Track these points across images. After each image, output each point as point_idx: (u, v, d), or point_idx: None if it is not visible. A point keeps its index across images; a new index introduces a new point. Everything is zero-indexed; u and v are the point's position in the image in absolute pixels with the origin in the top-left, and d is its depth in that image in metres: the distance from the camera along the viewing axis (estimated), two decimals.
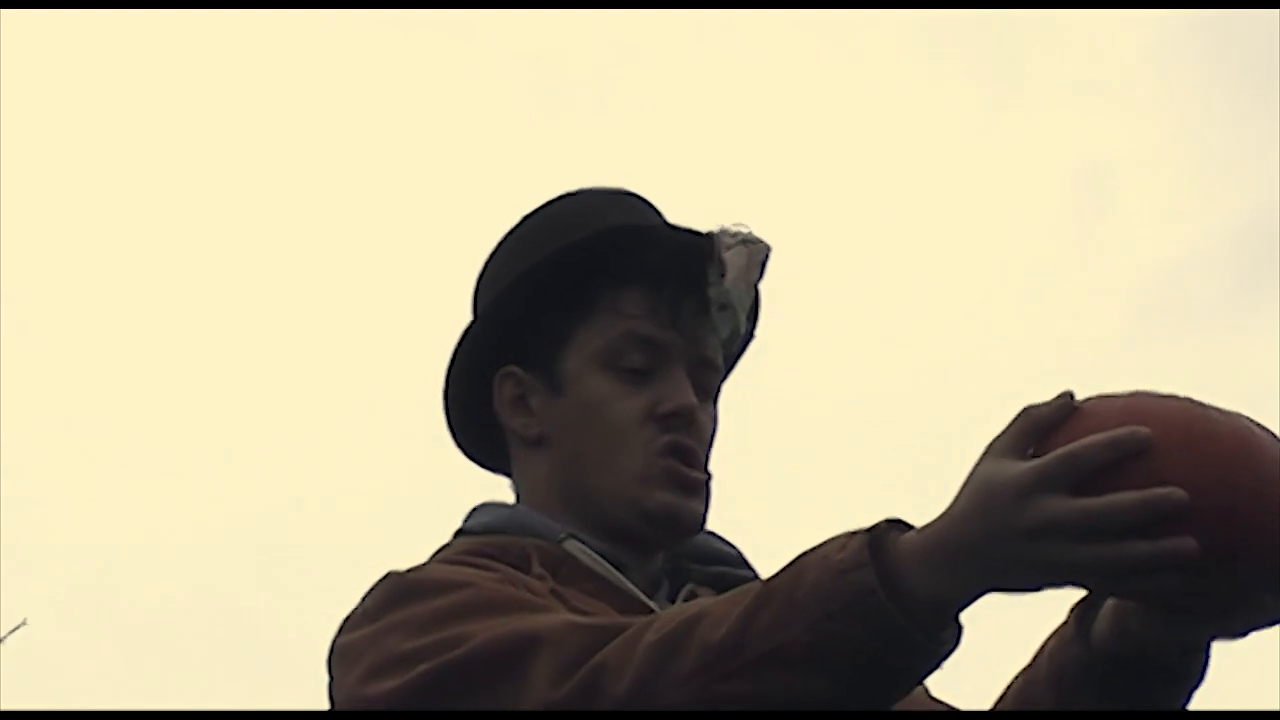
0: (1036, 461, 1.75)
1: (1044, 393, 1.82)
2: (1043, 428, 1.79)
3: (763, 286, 2.27)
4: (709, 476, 2.20)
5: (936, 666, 1.82)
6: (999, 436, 1.79)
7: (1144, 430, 1.76)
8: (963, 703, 2.18)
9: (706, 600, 1.91)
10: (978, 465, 1.79)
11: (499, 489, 2.32)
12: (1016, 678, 2.10)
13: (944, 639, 1.80)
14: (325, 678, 2.12)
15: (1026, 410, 1.79)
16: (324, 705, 2.15)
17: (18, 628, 8.58)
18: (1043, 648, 2.07)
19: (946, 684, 2.10)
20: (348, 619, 2.06)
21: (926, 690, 2.16)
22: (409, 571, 2.07)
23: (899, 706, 2.17)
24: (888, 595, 1.77)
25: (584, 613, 2.01)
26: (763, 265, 2.22)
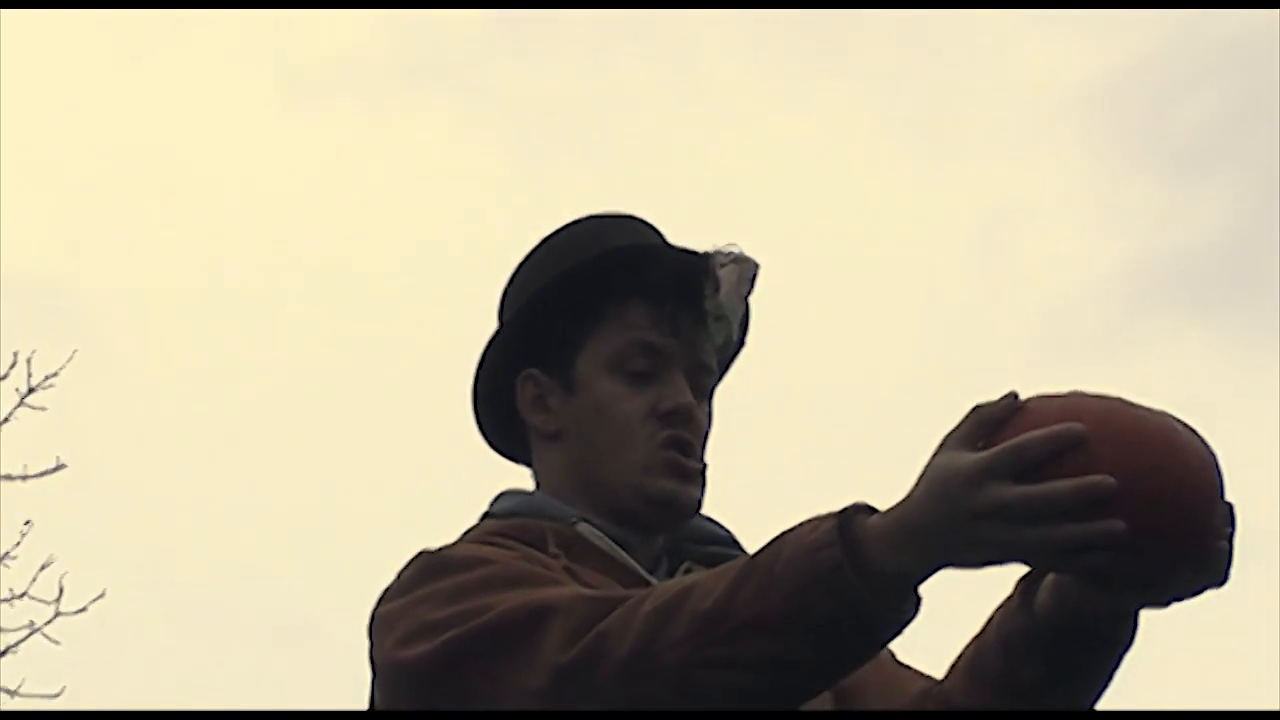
0: (985, 453, 1.77)
1: (957, 406, 1.84)
2: (991, 423, 1.80)
3: (752, 300, 2.27)
4: (704, 466, 2.21)
5: (899, 632, 1.83)
6: (952, 431, 1.81)
7: (1079, 426, 1.77)
8: (925, 665, 2.19)
9: (698, 574, 1.92)
10: (934, 456, 1.80)
11: (516, 479, 2.33)
12: (968, 646, 2.09)
13: (904, 609, 1.82)
14: (364, 646, 2.13)
15: (976, 408, 1.81)
16: (354, 677, 2.13)
17: (98, 598, 8.56)
18: (991, 618, 2.07)
19: (910, 649, 2.11)
20: (385, 592, 2.07)
21: (893, 655, 2.18)
22: (439, 550, 2.09)
23: (871, 676, 2.15)
24: (854, 570, 1.78)
25: (593, 587, 2.03)
26: (752, 281, 2.23)
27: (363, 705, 2.17)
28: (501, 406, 2.27)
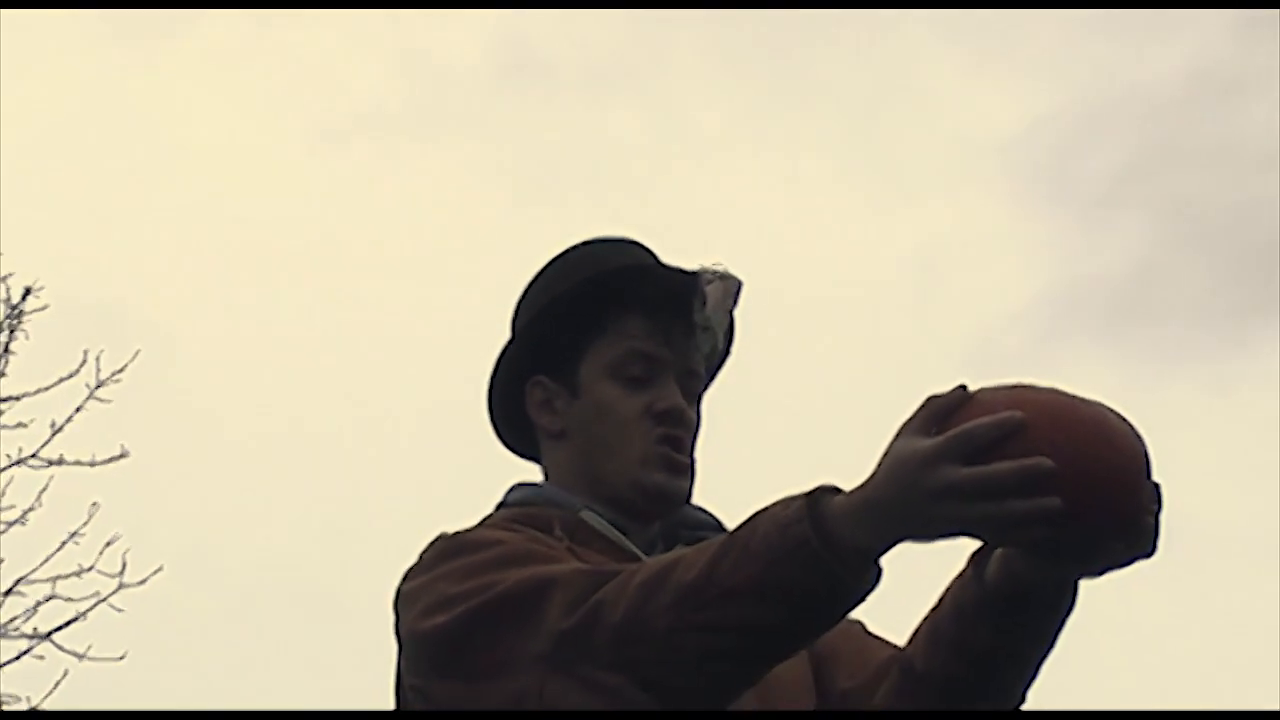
0: (938, 439, 1.79)
1: (898, 413, 1.87)
2: (942, 413, 1.82)
3: (736, 314, 2.29)
4: (693, 461, 2.23)
5: (862, 600, 1.86)
6: (909, 420, 1.83)
7: (1021, 414, 1.79)
8: (890, 632, 2.20)
9: (684, 550, 1.95)
10: (892, 442, 1.82)
11: (526, 474, 2.33)
12: (927, 615, 2.10)
13: (867, 578, 1.84)
14: (382, 619, 2.15)
15: (930, 399, 1.83)
16: (375, 647, 2.14)
17: (156, 572, 8.58)
18: (947, 589, 2.08)
19: (874, 616, 2.14)
20: (409, 570, 2.10)
21: (863, 626, 2.21)
22: (456, 533, 2.12)
23: (843, 644, 2.19)
24: (820, 544, 1.81)
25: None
26: (736, 296, 2.25)
27: (378, 670, 2.16)
28: (513, 409, 2.29)
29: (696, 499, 2.25)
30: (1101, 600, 2.03)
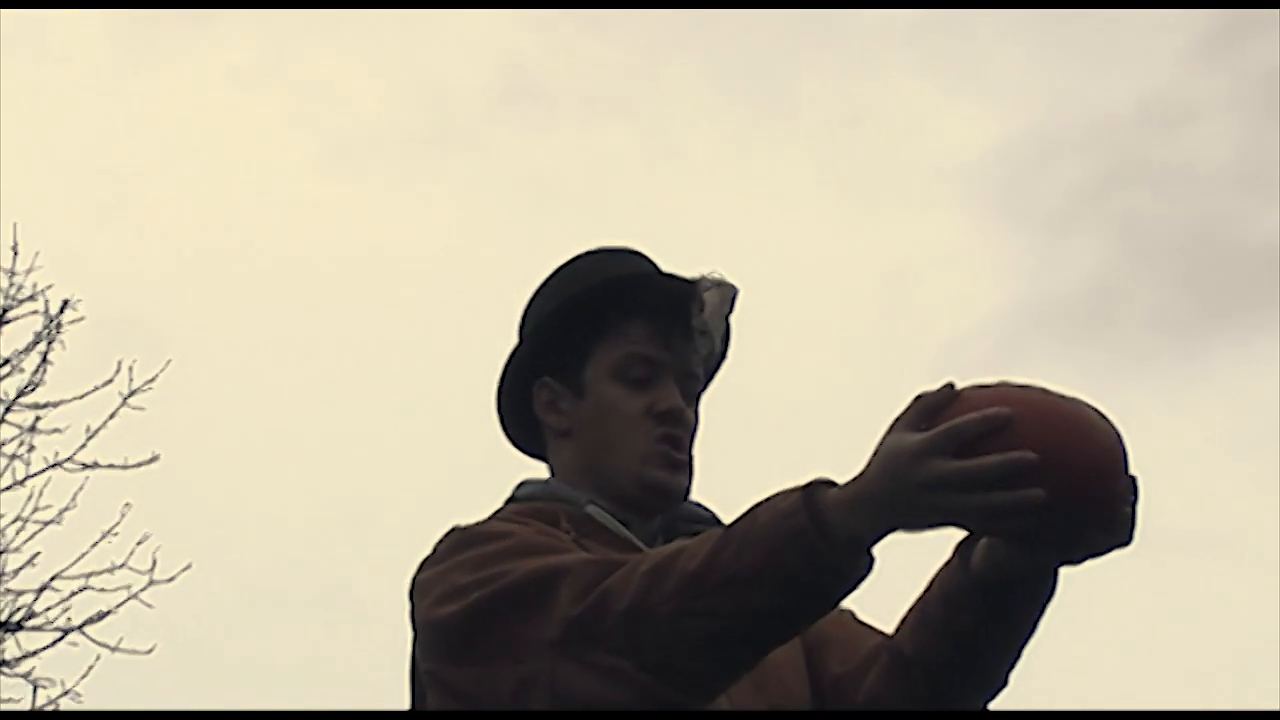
0: (927, 434, 1.81)
1: (869, 418, 1.89)
2: (931, 409, 1.83)
3: (732, 320, 2.29)
4: (691, 459, 2.24)
5: (855, 586, 1.87)
6: (900, 416, 1.84)
7: (1006, 410, 1.80)
8: (880, 619, 2.21)
9: (686, 540, 1.96)
10: (884, 437, 1.84)
11: (532, 471, 2.33)
12: (915, 602, 2.12)
13: (860, 566, 1.86)
14: (395, 612, 2.16)
15: (919, 396, 1.84)
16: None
17: (185, 569, 8.61)
18: (935, 577, 2.10)
19: (865, 604, 2.15)
20: (423, 561, 2.11)
21: (854, 615, 2.22)
22: (468, 526, 2.13)
23: (835, 631, 2.20)
24: (816, 534, 1.83)
25: None
26: (732, 303, 2.26)
27: (393, 660, 2.16)
28: (521, 409, 2.29)
29: (695, 495, 2.26)
30: (1063, 596, 2.04)
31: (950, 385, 1.85)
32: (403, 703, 2.20)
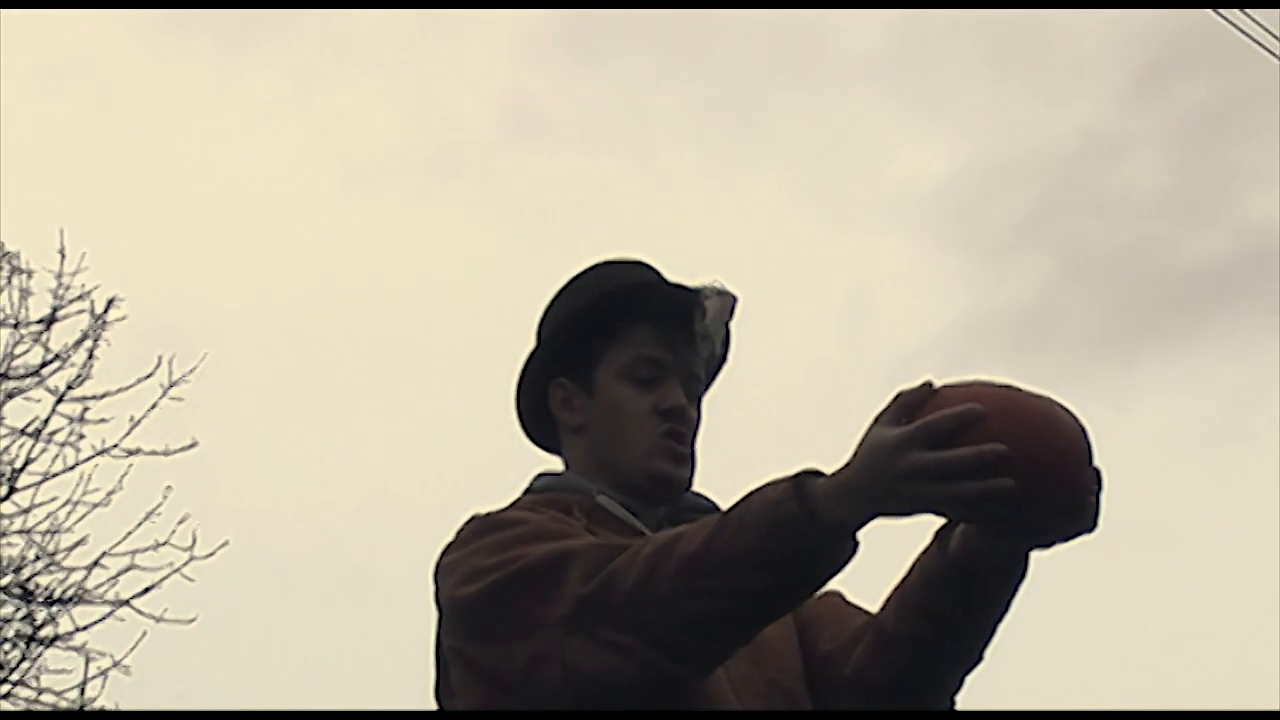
0: (906, 428, 1.82)
1: (833, 426, 1.89)
2: (911, 405, 1.85)
3: (731, 325, 2.31)
4: (693, 453, 2.25)
5: (841, 568, 1.89)
6: (881, 411, 1.86)
7: (979, 406, 1.82)
8: (865, 599, 2.21)
9: (686, 526, 1.97)
10: (868, 431, 1.85)
11: (545, 465, 2.35)
12: (897, 585, 2.13)
13: (845, 549, 1.88)
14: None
15: (900, 393, 1.86)
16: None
17: (222, 546, 8.63)
18: (915, 561, 2.11)
19: (852, 585, 2.16)
20: (447, 546, 2.12)
21: (841, 596, 2.23)
22: (488, 514, 2.15)
23: (824, 611, 2.20)
24: (805, 520, 1.85)
25: None
26: (731, 310, 2.28)
27: (411, 636, 2.17)
28: (538, 407, 2.31)
29: (696, 486, 2.27)
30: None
31: (928, 383, 1.86)
32: (416, 674, 2.21)
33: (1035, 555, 2.00)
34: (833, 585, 1.95)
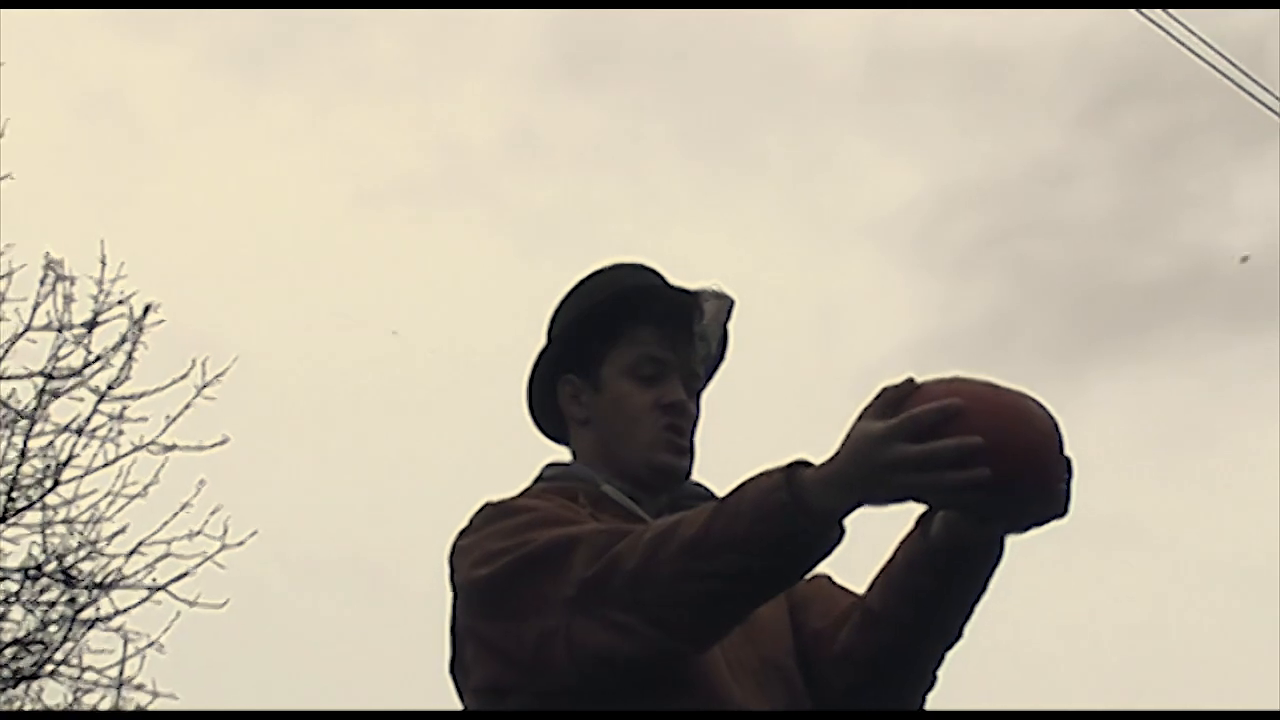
0: (890, 421, 1.84)
1: (804, 434, 1.92)
2: (894, 400, 1.86)
3: (729, 327, 2.32)
4: (693, 445, 2.26)
5: (829, 552, 1.90)
6: (867, 406, 1.87)
7: (958, 401, 1.83)
8: (852, 581, 2.22)
9: (685, 512, 1.99)
10: (854, 424, 1.86)
11: (555, 455, 2.35)
12: (882, 567, 2.14)
13: (833, 534, 1.90)
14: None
15: (884, 389, 1.87)
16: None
17: (251, 535, 8.66)
18: (899, 546, 2.13)
19: (840, 568, 2.16)
20: (461, 532, 2.13)
21: (830, 579, 2.24)
22: (499, 501, 2.17)
23: (815, 593, 2.20)
24: (796, 507, 1.86)
25: None
26: (729, 312, 2.30)
27: (425, 621, 2.17)
28: (547, 402, 2.32)
29: (695, 476, 2.27)
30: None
31: (910, 380, 1.87)
32: (428, 654, 2.22)
33: (1009, 541, 2.00)
34: (822, 568, 1.95)
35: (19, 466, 8.61)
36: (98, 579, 8.69)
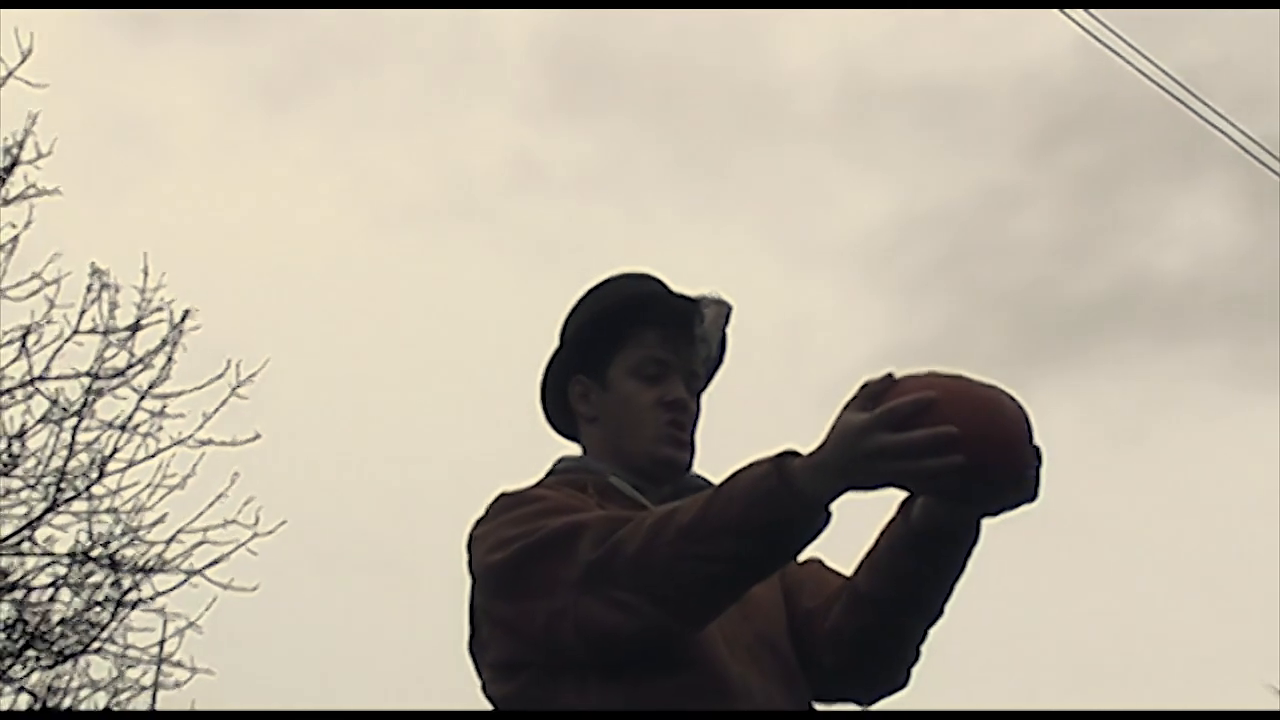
0: (871, 413, 1.85)
1: (773, 439, 1.94)
2: (875, 394, 1.87)
3: (727, 331, 2.34)
4: (693, 440, 2.28)
5: (817, 536, 1.91)
6: (850, 400, 1.88)
7: (933, 393, 1.84)
8: (841, 563, 2.23)
9: (683, 500, 2.00)
10: (839, 417, 1.88)
11: (565, 450, 2.37)
12: (868, 551, 2.14)
13: (820, 519, 1.91)
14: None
15: (865, 383, 1.88)
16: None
17: (281, 524, 8.70)
18: (883, 530, 2.14)
19: (828, 550, 2.18)
20: (478, 520, 2.15)
21: (821, 562, 2.26)
22: (514, 491, 2.18)
23: (807, 575, 2.20)
24: (785, 493, 1.88)
25: None
26: (727, 317, 2.32)
27: (442, 603, 2.18)
28: (559, 400, 2.35)
29: (696, 468, 2.28)
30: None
31: (890, 375, 1.88)
32: (444, 636, 2.25)
33: (985, 524, 1.99)
34: (813, 552, 1.97)
35: (67, 460, 8.73)
36: (140, 564, 8.79)
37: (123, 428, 8.77)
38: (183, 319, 8.99)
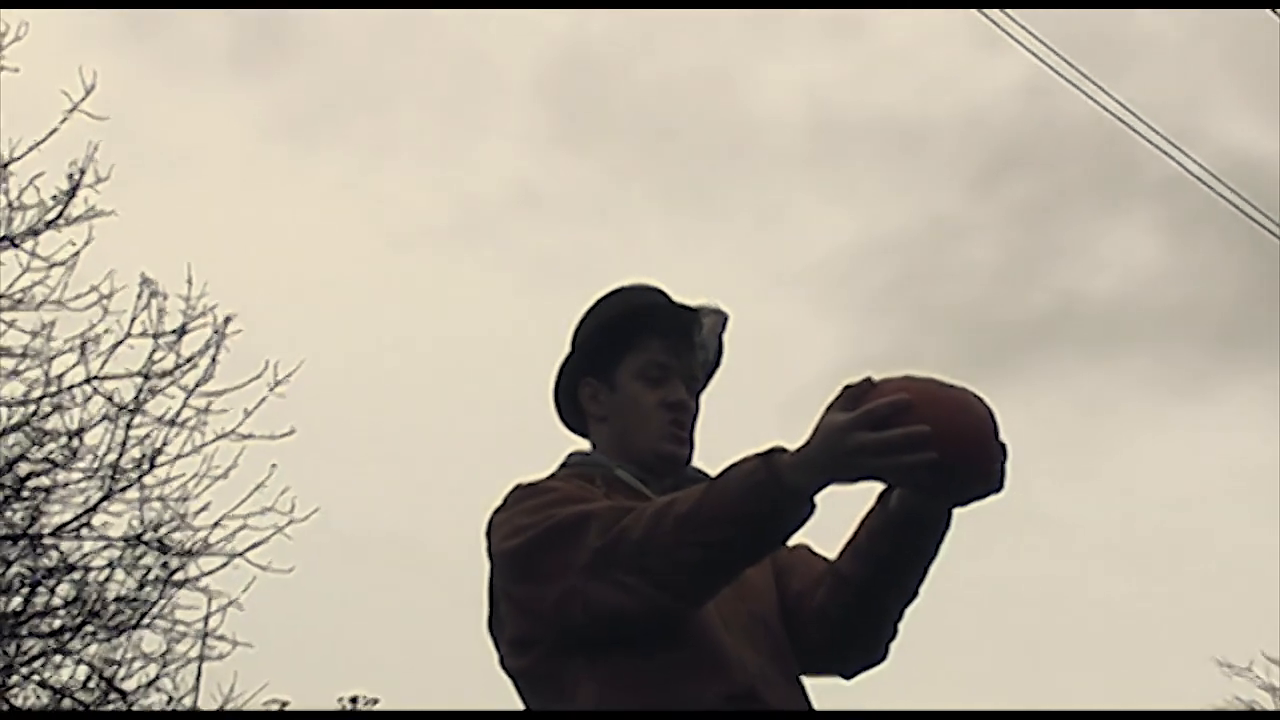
0: (852, 414, 1.88)
1: (736, 448, 1.95)
2: (855, 396, 1.89)
3: (724, 338, 2.35)
4: (692, 437, 2.30)
5: (802, 524, 1.93)
6: (833, 401, 1.90)
7: (908, 396, 1.86)
8: (825, 548, 2.24)
9: (682, 491, 2.03)
10: (822, 417, 1.90)
11: (575, 445, 2.36)
12: (850, 537, 2.16)
13: (805, 510, 1.93)
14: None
15: (846, 386, 1.90)
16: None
17: (314, 511, 8.75)
18: (864, 519, 2.16)
19: (815, 537, 2.19)
20: (496, 509, 2.16)
21: (809, 548, 2.28)
22: (529, 483, 2.20)
23: (796, 560, 2.20)
24: (774, 486, 1.90)
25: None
26: (724, 325, 2.34)
27: (451, 592, 2.18)
28: (570, 400, 2.37)
29: (696, 462, 2.28)
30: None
31: (869, 379, 1.90)
32: (462, 616, 2.27)
33: (956, 513, 2.00)
34: (801, 538, 1.97)
35: (121, 453, 8.80)
36: (187, 547, 8.90)
37: (171, 423, 8.87)
38: (225, 323, 9.06)
